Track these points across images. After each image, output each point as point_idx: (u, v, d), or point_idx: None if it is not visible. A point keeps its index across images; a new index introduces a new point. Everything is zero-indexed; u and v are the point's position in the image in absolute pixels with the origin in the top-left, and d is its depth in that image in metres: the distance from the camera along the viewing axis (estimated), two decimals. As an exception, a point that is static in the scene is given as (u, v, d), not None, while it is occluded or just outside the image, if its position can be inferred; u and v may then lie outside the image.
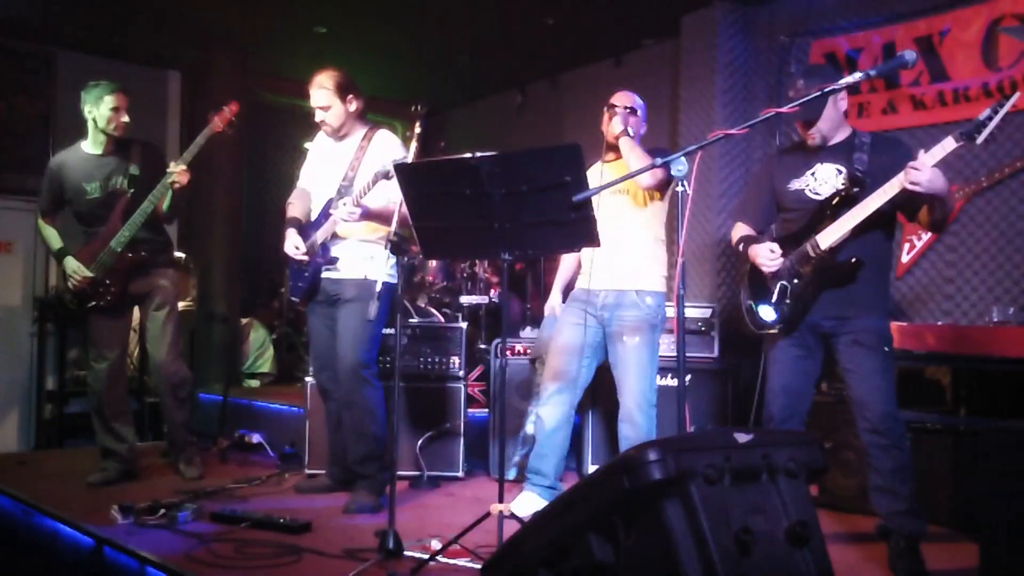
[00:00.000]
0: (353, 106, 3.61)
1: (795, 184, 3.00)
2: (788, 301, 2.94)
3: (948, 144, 2.65)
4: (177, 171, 3.77)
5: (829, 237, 2.84)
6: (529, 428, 3.96)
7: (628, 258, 3.38)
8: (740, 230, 3.17)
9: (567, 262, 3.77)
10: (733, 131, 2.49)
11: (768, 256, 2.94)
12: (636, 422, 3.31)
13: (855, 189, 2.83)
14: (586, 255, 3.50)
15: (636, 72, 6.31)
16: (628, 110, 3.46)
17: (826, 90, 2.63)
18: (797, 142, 3.11)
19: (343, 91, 3.58)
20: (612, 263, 3.36)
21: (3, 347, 5.99)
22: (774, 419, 3.01)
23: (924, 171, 2.62)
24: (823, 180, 2.94)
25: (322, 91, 3.57)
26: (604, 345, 3.47)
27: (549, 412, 3.46)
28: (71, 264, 3.88)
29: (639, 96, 3.56)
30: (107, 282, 3.87)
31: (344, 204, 3.42)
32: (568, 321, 3.49)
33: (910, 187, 2.63)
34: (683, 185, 2.42)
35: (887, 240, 2.95)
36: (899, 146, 2.93)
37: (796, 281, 2.93)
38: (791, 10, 5.18)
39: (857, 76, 2.64)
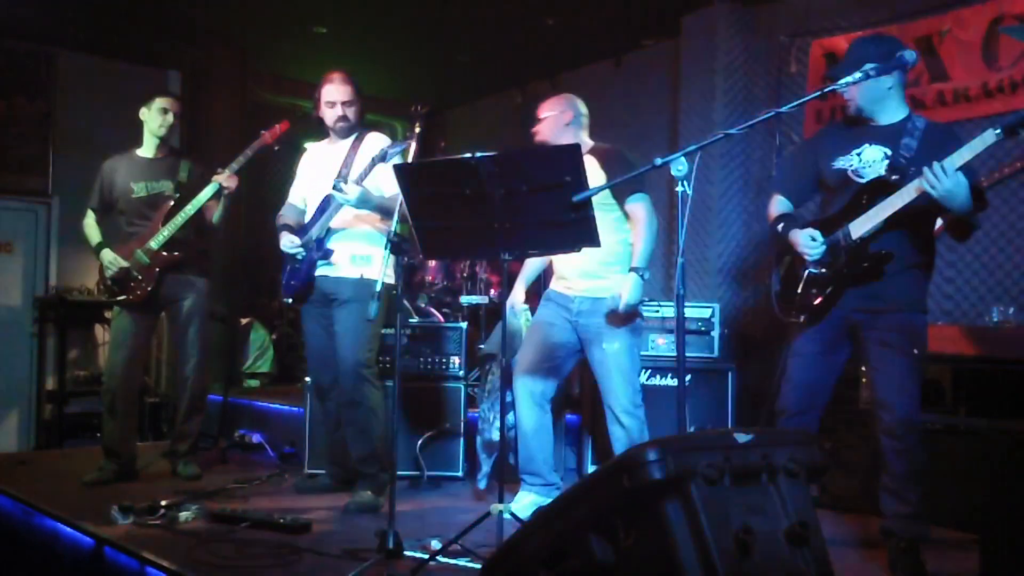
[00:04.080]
0: (361, 108, 3.73)
1: (839, 163, 2.87)
2: (814, 291, 2.85)
3: (988, 138, 2.50)
4: (224, 176, 3.89)
5: (861, 227, 2.74)
6: (494, 435, 3.82)
7: (600, 264, 3.33)
8: (778, 205, 3.06)
9: (533, 261, 3.71)
10: (733, 131, 2.48)
11: (809, 244, 2.82)
12: (625, 424, 3.30)
13: (894, 177, 2.70)
14: (558, 260, 3.48)
15: (636, 72, 6.31)
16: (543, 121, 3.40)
17: (826, 90, 2.63)
18: (850, 116, 2.95)
19: (360, 92, 3.71)
20: (584, 269, 3.34)
21: (3, 347, 5.99)
22: (787, 412, 2.93)
23: (944, 180, 2.50)
24: (868, 162, 2.81)
25: (349, 87, 3.66)
26: (580, 346, 3.43)
27: (526, 411, 3.42)
28: (108, 255, 3.98)
29: (561, 101, 3.47)
30: (140, 277, 3.94)
31: (344, 185, 3.42)
32: (544, 319, 3.47)
33: (928, 189, 2.54)
34: (683, 185, 2.42)
35: (924, 235, 2.81)
36: (951, 137, 2.74)
37: (824, 271, 2.83)
38: (791, 10, 5.18)
39: (857, 76, 2.62)
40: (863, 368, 3.10)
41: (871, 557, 2.96)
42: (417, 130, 3.15)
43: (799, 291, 2.90)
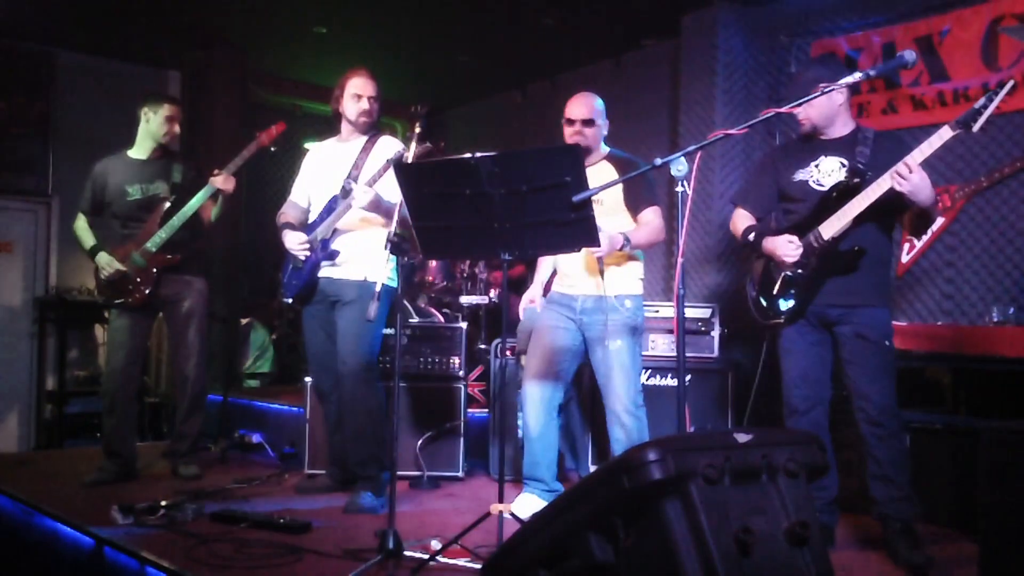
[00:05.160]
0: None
1: (799, 175, 3.07)
2: (792, 291, 3.01)
3: (944, 133, 2.70)
4: (221, 178, 3.91)
5: (831, 227, 2.92)
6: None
7: (605, 263, 3.34)
8: (742, 218, 3.24)
9: (546, 258, 3.72)
10: (733, 131, 2.50)
11: (788, 248, 2.98)
12: (625, 425, 3.31)
13: (855, 180, 2.89)
14: (563, 260, 3.49)
15: (636, 72, 6.31)
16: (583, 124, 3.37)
17: (826, 89, 2.67)
18: (801, 135, 3.18)
19: (380, 94, 3.72)
20: (588, 268, 3.35)
21: (3, 347, 6.00)
22: (797, 411, 3.04)
23: (912, 175, 2.69)
24: (827, 172, 3.01)
25: (374, 84, 3.68)
26: (584, 348, 3.45)
27: (533, 417, 3.43)
28: (103, 258, 3.98)
29: (596, 99, 3.44)
30: (137, 280, 3.94)
31: (356, 188, 3.41)
32: (547, 324, 3.47)
33: (896, 187, 2.71)
34: (683, 185, 2.43)
35: (887, 232, 3.03)
36: (901, 144, 2.98)
37: (800, 272, 2.99)
38: (791, 10, 5.18)
39: (857, 76, 2.67)
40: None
41: (871, 557, 2.96)
42: (417, 130, 3.16)
43: (775, 293, 3.06)
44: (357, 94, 3.64)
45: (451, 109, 7.98)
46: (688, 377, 3.96)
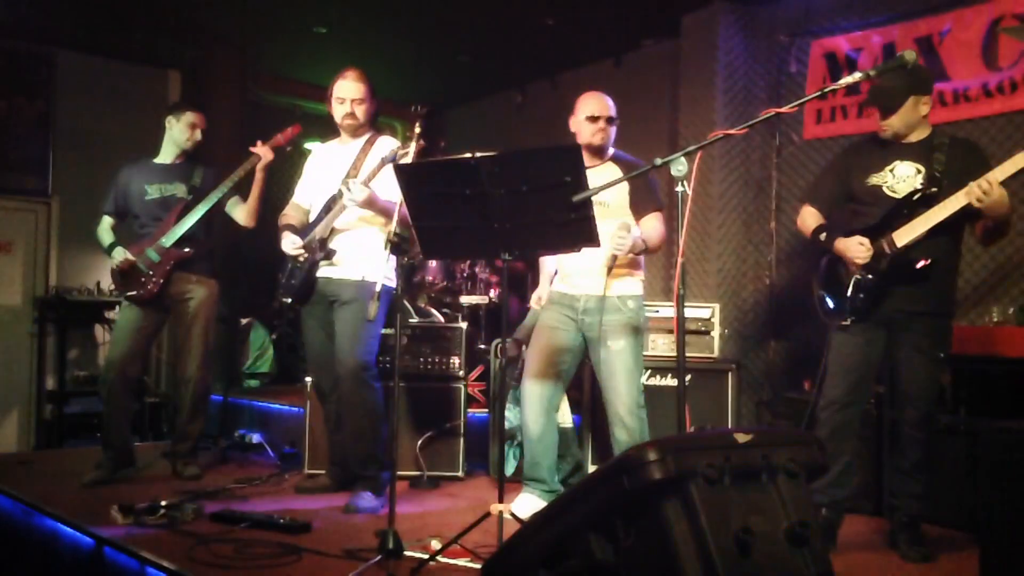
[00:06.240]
0: (373, 109, 3.72)
1: (873, 179, 3.08)
2: (861, 295, 3.03)
3: (1021, 160, 2.73)
4: (263, 148, 4.00)
5: (905, 236, 2.94)
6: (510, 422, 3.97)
7: (607, 264, 3.33)
8: (811, 216, 3.25)
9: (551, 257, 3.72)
10: (733, 131, 2.49)
11: (859, 250, 3.00)
12: (628, 426, 3.30)
13: (933, 189, 2.92)
14: (565, 259, 3.49)
15: (636, 72, 6.30)
16: (609, 120, 3.38)
17: (826, 89, 2.66)
18: (876, 136, 3.17)
19: (373, 93, 3.70)
20: (591, 269, 3.34)
21: (3, 347, 5.99)
22: (834, 404, 3.10)
23: (993, 191, 2.72)
24: (901, 178, 3.03)
25: (361, 85, 3.65)
26: (584, 348, 3.45)
27: (533, 417, 3.42)
28: (118, 252, 4.05)
29: (610, 99, 3.45)
30: (150, 273, 4.00)
31: (352, 185, 3.41)
32: (548, 323, 3.47)
33: (975, 203, 2.75)
34: (683, 185, 2.42)
35: (957, 242, 3.09)
36: (976, 151, 3.05)
37: (870, 276, 3.01)
38: (791, 10, 5.18)
39: (857, 76, 2.64)
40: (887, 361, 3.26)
41: (871, 557, 2.96)
42: (417, 130, 3.16)
43: (847, 296, 3.08)
44: (340, 98, 3.65)
45: (451, 109, 7.97)
46: (688, 377, 3.96)
